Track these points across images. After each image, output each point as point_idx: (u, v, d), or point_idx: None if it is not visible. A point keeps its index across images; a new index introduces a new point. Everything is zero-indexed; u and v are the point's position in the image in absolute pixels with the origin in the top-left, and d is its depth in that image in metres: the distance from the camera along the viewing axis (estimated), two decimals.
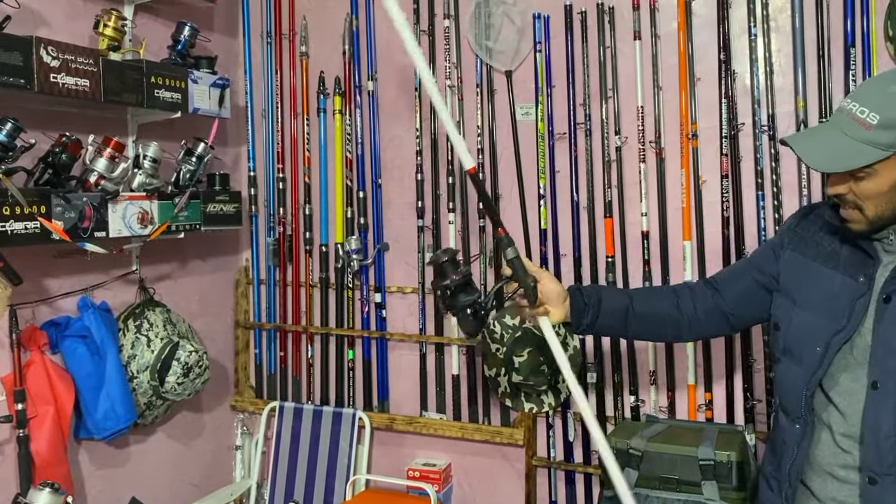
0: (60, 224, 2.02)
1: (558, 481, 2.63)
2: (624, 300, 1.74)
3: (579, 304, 1.70)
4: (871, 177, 1.37)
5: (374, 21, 2.82)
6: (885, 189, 1.37)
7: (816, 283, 1.52)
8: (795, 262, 1.59)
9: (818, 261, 1.54)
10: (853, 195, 1.40)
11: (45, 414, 2.14)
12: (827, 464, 1.48)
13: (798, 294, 1.56)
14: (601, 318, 1.71)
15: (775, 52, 2.30)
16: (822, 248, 1.54)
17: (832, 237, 1.54)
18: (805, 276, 1.55)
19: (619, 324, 1.74)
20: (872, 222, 1.41)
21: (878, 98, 1.36)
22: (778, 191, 2.28)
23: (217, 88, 2.54)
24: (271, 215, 2.96)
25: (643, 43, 2.43)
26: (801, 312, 1.53)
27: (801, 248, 1.59)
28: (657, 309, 1.75)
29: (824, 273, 1.51)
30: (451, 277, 1.64)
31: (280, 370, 2.99)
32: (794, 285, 1.58)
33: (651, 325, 1.76)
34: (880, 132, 1.34)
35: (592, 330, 1.74)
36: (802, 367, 1.50)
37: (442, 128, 2.71)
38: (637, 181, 2.45)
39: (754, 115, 2.31)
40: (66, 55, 2.00)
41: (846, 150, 1.36)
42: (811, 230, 1.60)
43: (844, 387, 1.46)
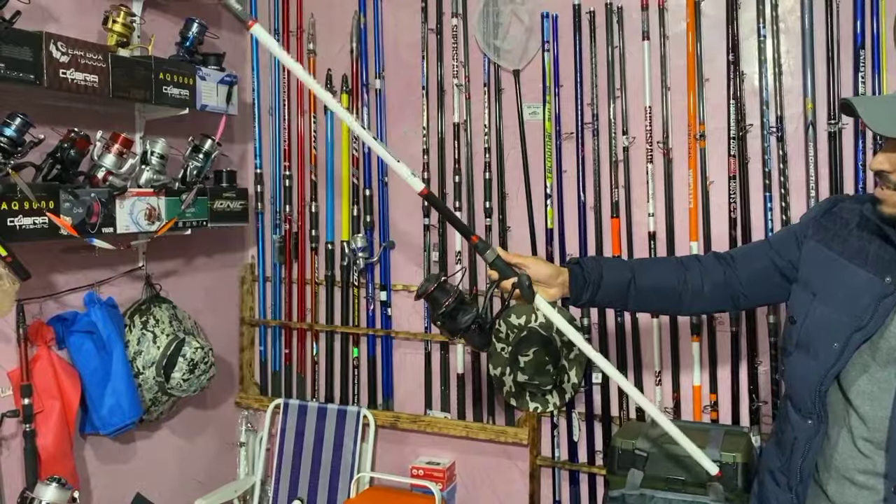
0: (68, 219, 2.02)
1: (562, 481, 2.63)
2: (626, 273, 1.72)
3: (579, 280, 1.70)
4: None
5: (382, 19, 2.81)
6: None
7: (839, 277, 1.49)
8: (818, 253, 1.55)
9: (843, 255, 1.50)
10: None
11: (51, 409, 2.14)
12: (845, 468, 1.44)
13: (818, 287, 1.52)
14: (601, 292, 1.71)
15: (784, 53, 2.29)
16: (850, 243, 1.50)
17: (861, 232, 1.49)
18: (827, 270, 1.52)
19: (619, 297, 1.73)
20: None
21: None
22: (786, 192, 2.28)
23: (225, 85, 2.54)
24: (277, 213, 2.96)
25: (651, 43, 2.43)
26: (820, 306, 1.50)
27: (826, 241, 1.55)
28: (660, 282, 1.73)
29: (848, 268, 1.47)
30: (444, 304, 1.64)
31: (285, 367, 2.99)
32: (815, 278, 1.54)
33: (653, 298, 1.75)
34: None
35: (592, 304, 1.75)
36: (817, 362, 1.47)
37: (449, 127, 2.71)
38: (644, 181, 2.45)
39: (762, 116, 2.30)
40: (76, 51, 2.00)
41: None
42: (838, 223, 1.55)
43: (864, 388, 1.42)
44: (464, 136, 2.69)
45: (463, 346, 2.72)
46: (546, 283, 1.68)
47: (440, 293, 1.66)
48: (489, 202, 2.65)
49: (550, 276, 1.68)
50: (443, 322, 1.67)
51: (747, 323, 2.34)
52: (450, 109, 2.71)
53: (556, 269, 1.70)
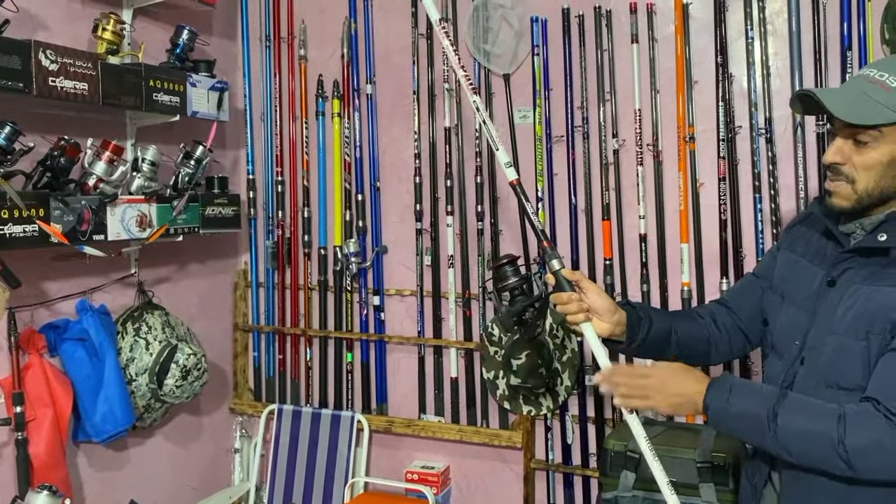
0: (59, 227, 2.03)
1: (556, 484, 2.64)
2: (668, 321, 1.68)
3: (634, 319, 1.63)
4: (875, 142, 1.36)
5: (373, 25, 2.82)
6: (883, 160, 1.37)
7: (801, 277, 1.53)
8: (787, 259, 1.60)
9: (805, 257, 1.54)
10: (850, 166, 1.39)
11: (43, 417, 2.14)
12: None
13: (786, 290, 1.57)
14: (651, 334, 1.64)
15: (772, 55, 2.30)
16: (811, 244, 1.55)
17: (819, 233, 1.54)
18: (792, 273, 1.56)
19: (664, 343, 1.67)
20: (860, 197, 1.40)
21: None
22: (775, 193, 2.29)
23: (216, 92, 2.55)
24: (270, 218, 2.96)
25: (640, 46, 2.44)
26: (788, 308, 1.54)
27: (792, 246, 1.59)
28: (692, 331, 1.71)
29: (808, 268, 1.52)
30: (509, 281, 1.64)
31: (279, 373, 2.99)
32: (783, 281, 1.58)
33: (689, 347, 1.70)
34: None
35: (642, 346, 1.65)
36: (782, 361, 1.51)
37: (440, 132, 2.72)
38: (635, 184, 2.45)
39: (751, 118, 2.31)
40: (65, 59, 2.01)
41: (866, 108, 1.36)
42: (802, 227, 1.60)
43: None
44: (455, 141, 2.70)
45: (456, 350, 2.72)
46: (599, 316, 1.61)
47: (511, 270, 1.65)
48: (481, 206, 2.65)
49: (607, 309, 1.60)
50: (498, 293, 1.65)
51: None
52: (441, 114, 2.71)
53: (614, 306, 1.62)
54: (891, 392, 1.30)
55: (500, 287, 1.67)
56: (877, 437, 1.28)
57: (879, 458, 1.29)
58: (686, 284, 2.40)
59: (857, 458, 1.29)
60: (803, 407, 1.37)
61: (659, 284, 2.44)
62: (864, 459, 1.29)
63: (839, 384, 1.39)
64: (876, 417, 1.29)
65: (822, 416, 1.34)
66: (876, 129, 1.36)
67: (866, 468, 1.30)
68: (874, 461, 1.29)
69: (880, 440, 1.28)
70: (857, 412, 1.31)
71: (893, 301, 1.34)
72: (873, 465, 1.30)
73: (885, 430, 1.28)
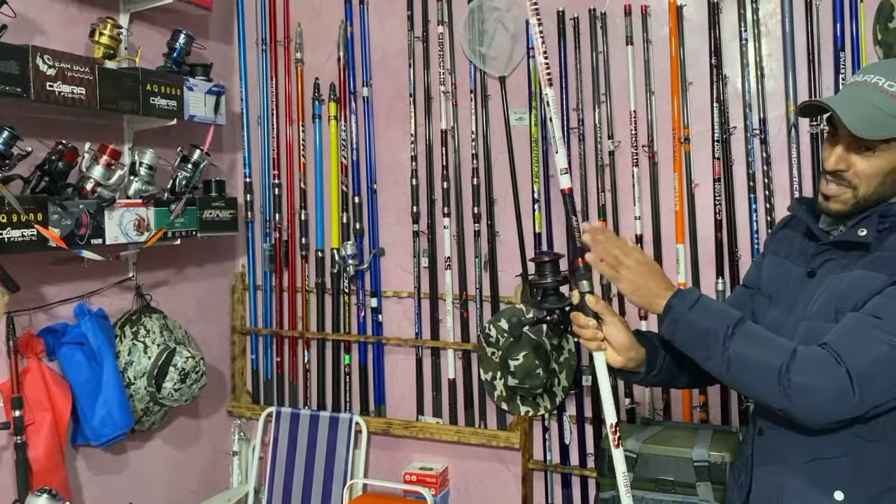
0: (57, 231, 2.03)
1: (555, 484, 2.64)
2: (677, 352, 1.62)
3: (652, 349, 1.59)
4: (881, 152, 1.37)
5: (369, 28, 2.83)
6: (887, 169, 1.38)
7: (785, 279, 1.54)
8: (772, 262, 1.61)
9: (789, 259, 1.56)
10: (853, 172, 1.40)
11: (42, 421, 2.15)
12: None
13: (772, 291, 1.58)
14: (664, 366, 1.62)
15: (766, 56, 2.32)
16: (794, 246, 1.56)
17: (801, 235, 1.55)
18: (778, 274, 1.57)
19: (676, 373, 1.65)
20: (857, 203, 1.41)
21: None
22: (770, 194, 2.30)
23: (212, 95, 2.55)
24: (267, 221, 2.97)
25: (635, 48, 2.45)
26: (774, 309, 1.55)
27: (777, 250, 1.61)
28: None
29: (793, 269, 1.53)
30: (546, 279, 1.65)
31: (277, 376, 3.00)
32: (770, 283, 1.60)
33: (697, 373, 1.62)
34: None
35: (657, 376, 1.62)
36: None
37: (437, 134, 2.73)
38: (630, 185, 2.47)
39: (746, 119, 2.33)
40: (62, 63, 2.01)
41: (880, 121, 1.35)
42: (786, 230, 1.62)
43: None
44: (451, 143, 2.71)
45: (454, 352, 2.73)
46: (615, 349, 1.57)
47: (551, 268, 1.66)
48: (477, 208, 2.66)
49: (624, 346, 1.56)
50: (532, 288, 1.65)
51: None
52: (437, 116, 2.73)
53: (633, 343, 1.58)
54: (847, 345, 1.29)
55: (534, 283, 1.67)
56: (820, 379, 1.28)
57: (818, 398, 1.29)
58: (682, 285, 2.40)
59: (797, 394, 1.29)
60: (760, 336, 1.37)
61: None
62: (803, 397, 1.29)
63: None
64: (826, 360, 1.29)
65: (775, 348, 1.34)
66: (885, 142, 1.36)
67: (802, 406, 1.30)
68: (812, 401, 1.29)
69: (823, 383, 1.28)
70: (811, 352, 1.31)
71: (862, 281, 1.35)
72: (809, 404, 1.29)
73: (831, 374, 1.27)
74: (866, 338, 1.29)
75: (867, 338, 1.29)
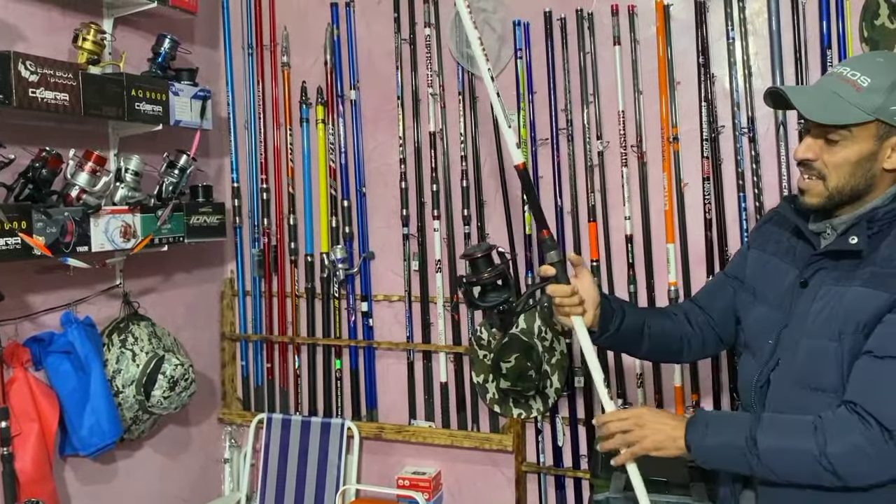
0: (41, 239, 2.01)
1: (548, 486, 2.63)
2: (640, 316, 1.71)
3: (607, 311, 1.65)
4: (845, 141, 1.39)
5: (355, 30, 2.82)
6: (853, 159, 1.39)
7: (773, 276, 1.55)
8: (757, 258, 1.62)
9: (776, 255, 1.56)
10: (821, 162, 1.42)
11: (29, 431, 2.11)
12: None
13: (757, 288, 1.58)
14: (623, 327, 1.66)
15: (753, 55, 2.32)
16: (781, 242, 1.57)
17: (788, 232, 1.56)
18: (764, 271, 1.58)
19: (636, 337, 1.70)
20: (831, 195, 1.42)
21: (869, 65, 1.40)
22: (759, 192, 2.30)
23: (198, 100, 2.53)
24: (256, 226, 2.95)
25: (623, 48, 2.45)
26: (759, 306, 1.56)
27: (763, 245, 1.61)
28: (665, 328, 1.73)
29: (780, 267, 1.53)
30: (481, 275, 1.62)
31: (267, 382, 2.97)
32: (755, 280, 1.60)
33: (661, 343, 1.72)
34: (870, 95, 1.37)
35: (613, 339, 1.68)
36: (756, 360, 1.53)
37: (425, 136, 2.72)
38: (620, 185, 2.46)
39: (734, 117, 2.33)
40: (45, 69, 1.99)
41: (836, 107, 1.38)
42: (772, 226, 1.62)
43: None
44: (440, 145, 2.70)
45: (445, 355, 2.72)
46: (587, 306, 1.62)
47: (484, 263, 1.64)
48: (467, 210, 2.65)
49: (593, 299, 1.62)
50: (466, 290, 1.64)
51: None
52: (425, 118, 2.71)
53: (599, 298, 1.64)
54: (868, 395, 1.30)
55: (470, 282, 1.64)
56: (855, 442, 1.29)
57: (862, 461, 1.30)
58: (673, 284, 2.40)
59: (840, 465, 1.30)
60: (780, 426, 1.37)
61: (646, 284, 2.44)
62: (848, 466, 1.30)
63: (813, 385, 1.40)
64: (851, 421, 1.30)
65: (799, 431, 1.34)
66: (845, 129, 1.38)
67: (852, 474, 1.31)
68: (858, 466, 1.30)
69: (859, 444, 1.29)
70: (832, 420, 1.32)
71: (863, 301, 1.35)
72: (858, 470, 1.30)
73: (861, 433, 1.28)
74: (885, 383, 1.30)
75: (886, 383, 1.30)
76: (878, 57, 1.44)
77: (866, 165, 1.39)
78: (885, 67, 1.39)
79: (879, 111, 1.36)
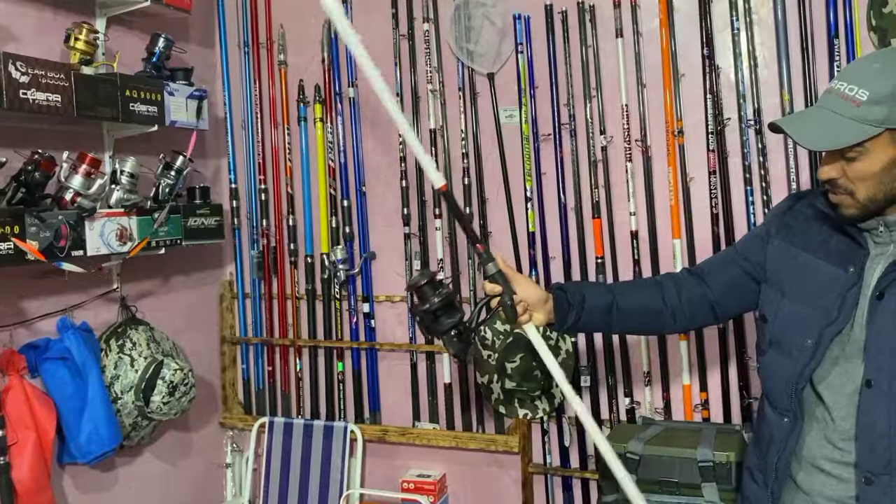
0: (35, 244, 1.96)
1: (555, 487, 2.59)
2: (607, 296, 1.70)
3: (563, 305, 1.67)
4: (862, 157, 1.35)
5: (353, 26, 2.76)
6: (876, 169, 1.35)
7: (805, 273, 1.50)
8: (783, 251, 1.56)
9: (807, 251, 1.51)
10: (845, 179, 1.38)
11: (25, 440, 2.07)
12: (813, 457, 1.46)
13: (786, 285, 1.53)
14: (585, 316, 1.68)
15: (758, 45, 2.27)
16: (811, 237, 1.52)
17: (821, 225, 1.51)
18: (793, 266, 1.53)
19: (602, 321, 1.71)
20: (865, 206, 1.38)
21: (865, 75, 1.36)
22: (767, 185, 2.26)
23: (194, 100, 2.49)
24: (254, 227, 2.91)
25: (625, 41, 2.40)
26: (790, 304, 1.51)
27: (789, 238, 1.56)
28: (641, 303, 1.72)
29: (813, 263, 1.49)
30: (430, 301, 1.59)
31: (269, 385, 2.93)
32: (783, 276, 1.55)
33: (636, 319, 1.74)
34: (871, 108, 1.33)
35: (576, 328, 1.71)
36: (791, 360, 1.48)
37: (426, 134, 2.67)
38: (624, 180, 2.42)
39: (740, 109, 2.28)
40: (36, 70, 1.94)
41: (839, 129, 1.34)
42: (799, 219, 1.57)
43: (834, 381, 1.43)
44: (440, 142, 2.65)
45: (449, 355, 2.68)
46: (534, 307, 1.63)
47: (430, 289, 1.61)
48: (469, 208, 2.61)
49: (538, 300, 1.63)
50: (422, 318, 1.62)
51: (735, 319, 2.31)
52: (425, 116, 2.67)
53: (545, 295, 1.65)
54: None
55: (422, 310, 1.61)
56: None
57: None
58: None
59: None
60: None
61: None
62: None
63: None
64: None
65: None
66: (859, 146, 1.34)
67: None
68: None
69: None
70: None
71: None
72: None
73: None
74: None
75: None
76: (875, 62, 1.39)
77: (893, 171, 1.35)
78: (883, 73, 1.35)
79: (887, 121, 1.32)
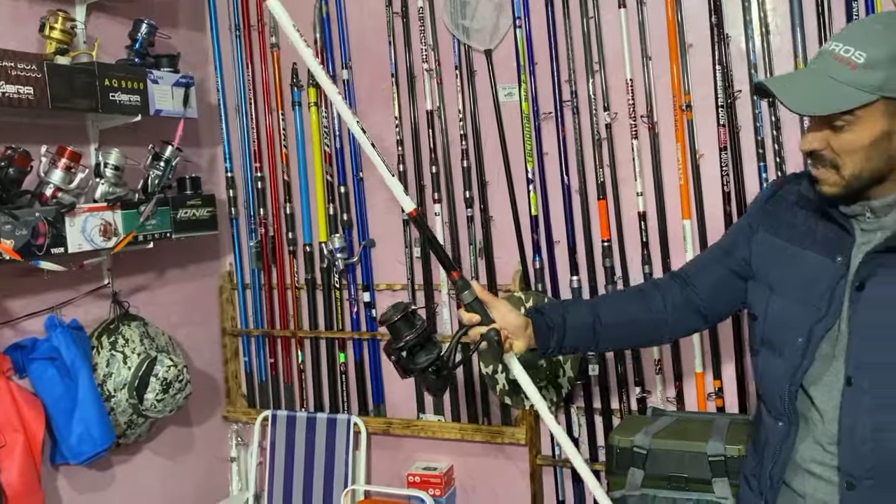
0: (10, 243, 1.89)
1: (565, 479, 2.50)
2: (589, 314, 1.59)
3: (542, 328, 1.56)
4: (851, 126, 1.22)
5: (345, 7, 2.66)
6: (865, 142, 1.22)
7: (792, 266, 1.38)
8: (768, 243, 1.45)
9: (793, 242, 1.39)
10: (830, 150, 1.26)
11: (14, 443, 2.03)
12: (802, 459, 1.35)
13: (773, 279, 1.42)
14: (567, 337, 1.57)
15: (770, 11, 2.13)
16: (796, 226, 1.40)
17: (806, 213, 1.39)
18: (779, 260, 1.41)
19: (588, 339, 1.59)
20: (849, 182, 1.26)
21: (864, 36, 1.23)
22: (781, 161, 2.12)
23: (180, 87, 2.40)
24: (252, 217, 2.83)
25: (628, 11, 2.27)
26: (779, 299, 1.39)
27: (773, 229, 1.45)
28: (626, 315, 1.61)
29: (800, 255, 1.37)
30: (405, 338, 1.48)
31: (271, 377, 2.87)
32: (769, 270, 1.44)
33: (622, 333, 1.63)
34: (867, 72, 1.20)
35: (561, 351, 1.60)
36: (784, 360, 1.36)
37: (422, 115, 2.56)
38: (630, 159, 2.29)
39: (751, 81, 2.14)
40: (5, 62, 1.87)
41: (830, 93, 1.22)
42: (782, 206, 1.45)
43: (825, 381, 1.32)
44: (438, 124, 2.54)
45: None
46: (514, 335, 1.53)
47: (404, 325, 1.50)
48: (469, 191, 2.50)
49: (518, 326, 1.53)
50: (397, 358, 1.51)
51: None
52: (421, 96, 2.56)
53: (524, 320, 1.55)
54: None
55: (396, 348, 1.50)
56: None
57: None
58: None
59: None
60: None
61: (662, 264, 2.28)
62: None
63: None
64: None
65: None
66: (849, 114, 1.21)
67: None
68: None
69: None
70: None
71: None
72: None
73: None
74: None
75: None
76: (876, 23, 1.26)
77: (882, 146, 1.22)
78: (883, 36, 1.21)
79: (883, 88, 1.19)
